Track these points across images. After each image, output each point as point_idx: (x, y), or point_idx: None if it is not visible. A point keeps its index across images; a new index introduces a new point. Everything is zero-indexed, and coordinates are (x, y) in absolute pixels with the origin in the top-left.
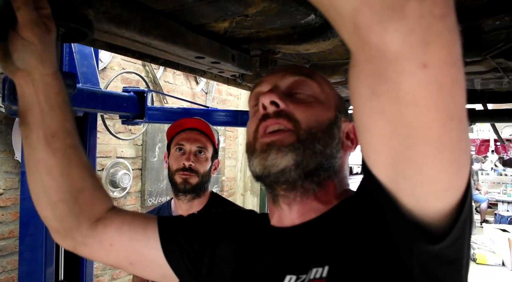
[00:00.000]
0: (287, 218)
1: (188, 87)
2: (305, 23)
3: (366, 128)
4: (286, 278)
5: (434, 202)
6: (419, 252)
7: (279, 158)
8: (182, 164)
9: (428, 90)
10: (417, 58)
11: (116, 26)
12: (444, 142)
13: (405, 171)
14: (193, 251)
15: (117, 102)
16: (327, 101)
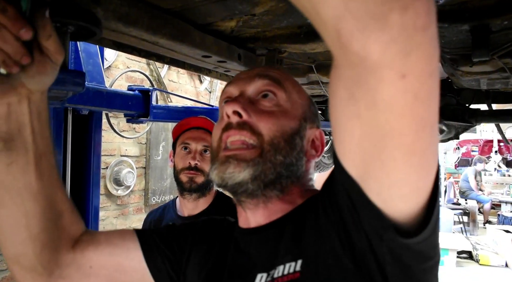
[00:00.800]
0: (252, 220)
1: (192, 86)
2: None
3: (341, 128)
4: (257, 277)
5: (401, 203)
6: (388, 240)
7: (236, 172)
8: (188, 163)
9: (405, 99)
10: (397, 68)
11: (124, 24)
12: (415, 147)
13: (375, 172)
14: (175, 257)
15: (122, 100)
16: (292, 110)
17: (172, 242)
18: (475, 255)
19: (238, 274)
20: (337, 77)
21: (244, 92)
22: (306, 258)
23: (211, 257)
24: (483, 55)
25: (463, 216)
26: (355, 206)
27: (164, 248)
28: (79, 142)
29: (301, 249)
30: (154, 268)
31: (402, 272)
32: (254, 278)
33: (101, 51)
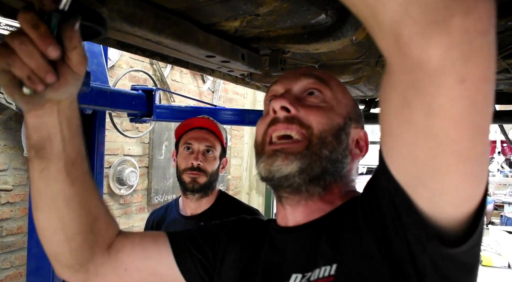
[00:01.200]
0: (291, 218)
1: (195, 86)
2: (315, 22)
3: (392, 134)
4: (292, 277)
5: (451, 210)
6: (432, 251)
7: (284, 165)
8: (191, 163)
9: (462, 105)
10: (456, 73)
11: (129, 24)
12: (470, 155)
13: (427, 179)
14: (207, 260)
15: (126, 100)
16: (338, 108)
17: (203, 245)
18: None
19: (273, 273)
20: (391, 84)
21: (290, 90)
22: (341, 263)
23: (246, 254)
24: None
25: None
26: (400, 214)
27: (196, 252)
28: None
29: (337, 253)
30: (187, 273)
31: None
32: (289, 278)
33: (105, 51)
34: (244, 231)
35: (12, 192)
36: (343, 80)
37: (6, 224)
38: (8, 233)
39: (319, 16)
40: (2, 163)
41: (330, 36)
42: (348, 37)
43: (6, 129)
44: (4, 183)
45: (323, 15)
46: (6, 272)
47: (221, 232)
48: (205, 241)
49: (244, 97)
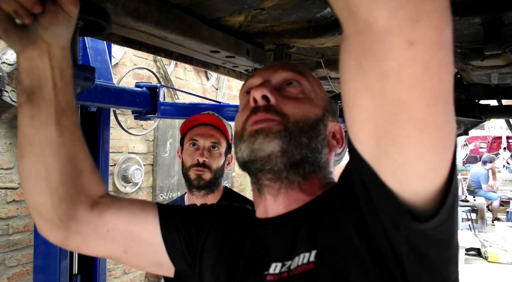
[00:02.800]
0: (272, 209)
1: (198, 83)
2: (320, 16)
3: (352, 103)
4: (272, 266)
5: (416, 183)
6: (405, 229)
7: (265, 142)
8: (196, 160)
9: (414, 69)
10: (404, 35)
11: (134, 19)
12: (428, 122)
13: (388, 149)
14: (191, 239)
15: (130, 97)
16: (316, 100)
17: (190, 224)
18: (484, 252)
19: (254, 263)
20: (346, 48)
21: (269, 81)
22: (321, 249)
23: (229, 244)
24: (495, 49)
25: (472, 213)
26: (370, 193)
27: (182, 228)
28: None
29: (317, 240)
30: (170, 246)
31: (420, 263)
32: (269, 267)
33: (109, 49)
34: (230, 220)
35: (18, 190)
36: None
37: (13, 222)
38: (15, 231)
39: (324, 9)
40: (7, 161)
41: (335, 30)
42: None
43: (12, 128)
44: (10, 181)
45: (328, 9)
46: (13, 270)
47: (207, 216)
48: (192, 221)
49: None
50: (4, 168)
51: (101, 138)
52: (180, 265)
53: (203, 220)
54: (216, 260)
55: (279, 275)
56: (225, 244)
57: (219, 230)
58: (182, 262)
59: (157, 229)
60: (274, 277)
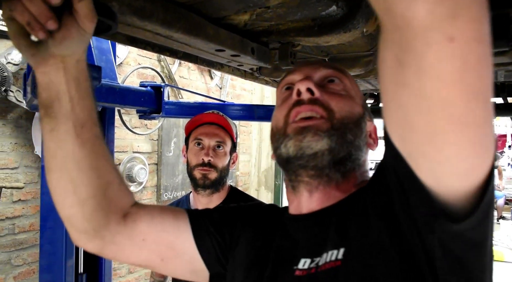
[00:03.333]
0: (306, 205)
1: (202, 82)
2: (326, 14)
3: (390, 98)
4: (301, 262)
5: (454, 181)
6: (440, 231)
7: (314, 141)
8: (201, 159)
9: (453, 65)
10: (444, 31)
11: (140, 18)
12: (468, 120)
13: (425, 147)
14: (224, 242)
15: (135, 97)
16: (357, 98)
17: (221, 226)
18: None
19: (283, 258)
20: (385, 43)
21: (310, 77)
22: (349, 247)
23: (259, 240)
24: (503, 46)
25: None
26: (405, 192)
27: (214, 232)
28: None
29: (345, 238)
30: (204, 250)
31: (453, 268)
32: (298, 262)
33: (113, 48)
34: (259, 217)
35: (23, 190)
36: (353, 73)
37: (18, 221)
38: (20, 230)
39: (330, 8)
40: (13, 160)
41: (341, 29)
42: (359, 29)
43: (17, 127)
44: (15, 180)
45: (333, 6)
46: (19, 269)
47: (238, 215)
48: (223, 222)
49: (252, 93)
50: (10, 168)
51: (106, 138)
52: (215, 268)
53: (235, 220)
54: (247, 255)
55: (307, 270)
56: (256, 240)
57: (250, 227)
58: (216, 264)
59: (190, 237)
60: (302, 272)
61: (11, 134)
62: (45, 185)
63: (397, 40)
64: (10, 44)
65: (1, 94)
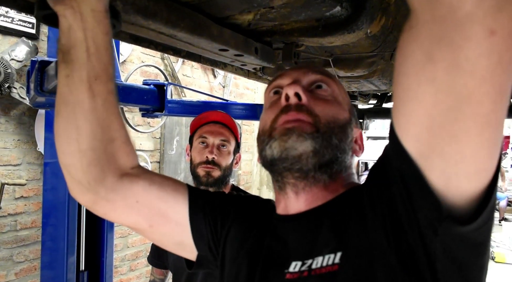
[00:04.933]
0: (293, 206)
1: (205, 81)
2: (330, 15)
3: (411, 96)
4: (292, 265)
5: (465, 182)
6: (443, 233)
7: (299, 142)
8: (205, 157)
9: (489, 61)
10: (487, 24)
11: (143, 17)
12: (490, 119)
13: (443, 147)
14: (215, 226)
15: (138, 95)
16: (344, 103)
17: (217, 211)
18: (491, 252)
19: (274, 260)
20: (414, 37)
21: (298, 81)
22: (346, 251)
23: (250, 237)
24: None
25: None
26: (410, 193)
27: (210, 214)
28: None
29: (342, 241)
30: (196, 230)
31: (454, 269)
32: (289, 265)
33: (117, 46)
34: (253, 212)
35: (26, 186)
36: (357, 74)
37: (20, 218)
38: (22, 227)
39: (334, 8)
40: (16, 157)
41: (345, 29)
42: (363, 30)
43: (20, 124)
44: (18, 177)
45: (338, 7)
46: (21, 266)
47: (233, 206)
48: (219, 209)
49: (254, 92)
50: (12, 164)
51: None
52: (203, 251)
53: (228, 209)
54: (237, 252)
55: (298, 273)
56: (247, 237)
57: (243, 221)
58: (206, 248)
59: (185, 211)
60: (293, 276)
61: (14, 131)
62: (47, 182)
63: (433, 33)
64: (14, 40)
65: (5, 91)
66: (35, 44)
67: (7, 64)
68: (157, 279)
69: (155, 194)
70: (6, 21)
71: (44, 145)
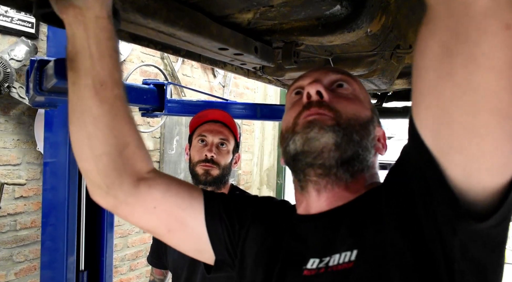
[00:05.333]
0: (314, 205)
1: (205, 81)
2: (330, 14)
3: (428, 91)
4: (310, 262)
5: (486, 177)
6: (462, 232)
7: (321, 133)
8: (204, 156)
9: (506, 54)
10: (503, 18)
11: (143, 16)
12: (509, 113)
13: (463, 142)
14: (233, 229)
15: (138, 94)
16: (365, 102)
17: (233, 214)
18: None
19: (293, 257)
20: (431, 32)
21: (320, 80)
22: (362, 249)
23: (269, 237)
24: None
25: None
26: (430, 191)
27: (226, 218)
28: None
29: (359, 239)
30: (213, 236)
31: (471, 268)
32: (307, 262)
33: None
34: (270, 213)
35: (25, 186)
36: (357, 73)
37: (20, 218)
38: (22, 226)
39: (334, 7)
40: (15, 157)
41: (345, 28)
42: (363, 29)
43: (19, 124)
44: (17, 177)
45: (338, 6)
46: (20, 266)
47: (250, 207)
48: (235, 211)
49: (254, 92)
50: (12, 164)
51: None
52: (221, 255)
53: (246, 211)
54: (257, 251)
55: (316, 270)
56: (266, 237)
57: (261, 222)
58: (224, 251)
59: (201, 217)
60: (311, 272)
61: (14, 131)
62: (47, 182)
63: (450, 28)
64: (13, 40)
65: (4, 91)
66: (35, 43)
67: (6, 64)
68: (156, 279)
69: (173, 201)
70: (6, 20)
71: (43, 145)
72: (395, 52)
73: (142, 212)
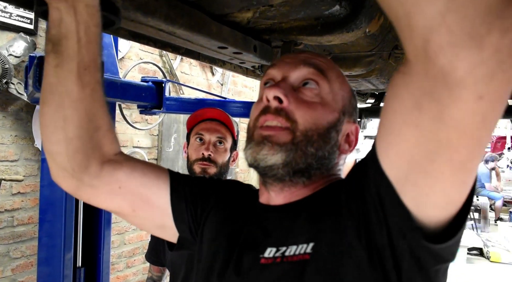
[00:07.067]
0: (274, 200)
1: (204, 78)
2: (329, 14)
3: (394, 132)
4: (267, 250)
5: (433, 211)
6: (411, 240)
7: (269, 155)
8: (201, 154)
9: (473, 121)
10: (476, 89)
11: (143, 14)
12: (465, 165)
13: (417, 179)
14: (196, 211)
15: (136, 92)
16: (333, 103)
17: (198, 196)
18: (486, 252)
19: (251, 244)
20: (406, 83)
21: (287, 78)
22: (319, 242)
23: (230, 222)
24: None
25: (474, 213)
26: (384, 205)
27: (190, 199)
28: None
29: (316, 232)
30: (177, 214)
31: (417, 270)
32: (265, 251)
33: (115, 43)
34: (235, 198)
35: (23, 182)
36: (355, 73)
37: (17, 214)
38: (19, 223)
39: (333, 7)
40: (13, 153)
41: (343, 28)
42: (362, 29)
43: (17, 120)
44: (15, 173)
45: (337, 6)
46: (17, 262)
47: (214, 191)
48: (200, 193)
49: (253, 90)
50: (9, 160)
51: None
52: (184, 233)
53: (209, 194)
54: (216, 235)
55: (272, 259)
56: (227, 221)
57: (223, 206)
58: (187, 231)
59: (167, 196)
60: (267, 261)
61: (12, 127)
62: (44, 178)
63: (425, 87)
64: (12, 36)
65: (2, 87)
66: (33, 39)
67: (5, 60)
68: (154, 276)
69: (137, 180)
70: (4, 16)
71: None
72: (393, 53)
73: (106, 193)
